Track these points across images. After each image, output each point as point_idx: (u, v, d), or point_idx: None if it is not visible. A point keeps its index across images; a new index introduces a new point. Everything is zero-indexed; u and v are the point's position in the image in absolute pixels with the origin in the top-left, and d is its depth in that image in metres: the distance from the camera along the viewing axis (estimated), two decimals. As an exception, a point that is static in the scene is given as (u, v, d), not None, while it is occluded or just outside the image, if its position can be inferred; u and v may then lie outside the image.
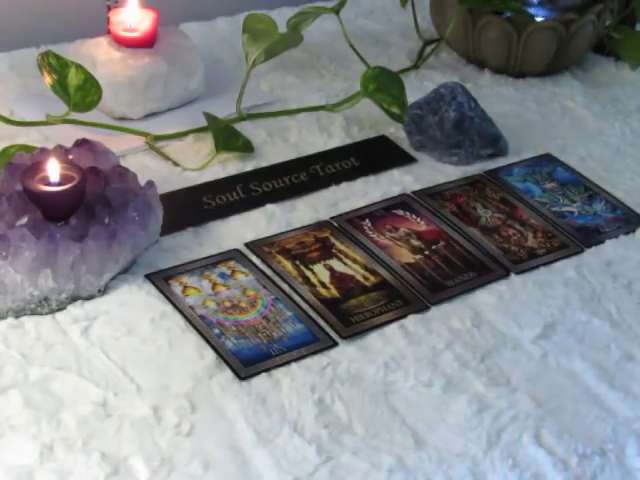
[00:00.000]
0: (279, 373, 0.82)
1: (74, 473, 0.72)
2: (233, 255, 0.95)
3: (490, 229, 1.02)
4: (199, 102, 1.19)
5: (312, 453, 0.75)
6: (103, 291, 0.89)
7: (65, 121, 1.06)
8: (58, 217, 0.88)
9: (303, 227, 1.00)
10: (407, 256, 0.97)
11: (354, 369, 0.83)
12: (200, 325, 0.86)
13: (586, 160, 1.16)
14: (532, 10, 1.29)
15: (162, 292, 0.89)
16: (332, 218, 1.01)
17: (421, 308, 0.90)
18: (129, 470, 0.72)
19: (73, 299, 0.87)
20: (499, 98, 1.27)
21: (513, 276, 0.96)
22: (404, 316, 0.89)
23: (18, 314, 0.86)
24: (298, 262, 0.95)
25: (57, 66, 1.04)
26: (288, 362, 0.83)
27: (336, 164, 1.10)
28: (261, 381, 0.81)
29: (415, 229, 1.01)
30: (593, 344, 0.88)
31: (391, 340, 0.87)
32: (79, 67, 1.04)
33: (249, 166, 1.09)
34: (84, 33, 1.18)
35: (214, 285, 0.91)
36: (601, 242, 1.02)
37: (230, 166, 1.09)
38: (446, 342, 0.87)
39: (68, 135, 1.02)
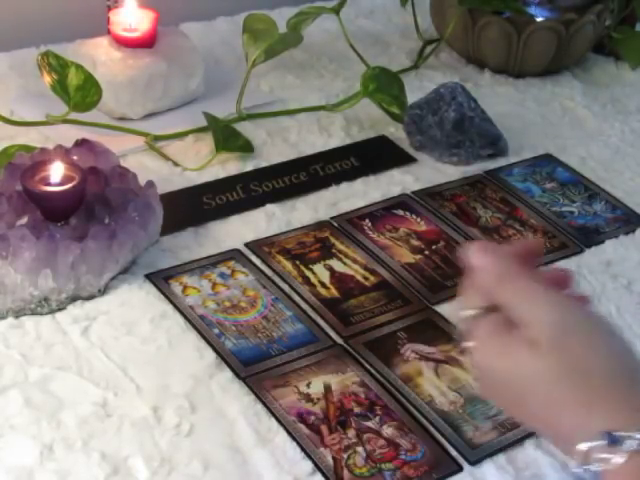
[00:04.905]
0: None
1: (74, 473, 0.72)
2: (233, 255, 0.95)
3: (490, 229, 1.02)
4: (199, 102, 1.19)
5: (312, 453, 0.75)
6: (103, 291, 0.89)
7: (65, 121, 1.06)
8: (58, 217, 0.88)
9: (303, 227, 1.00)
10: (407, 256, 0.97)
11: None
12: (200, 325, 0.86)
13: (586, 160, 1.16)
14: (532, 10, 1.29)
15: (162, 292, 0.89)
16: (332, 218, 1.01)
17: (421, 308, 0.90)
18: (129, 470, 0.72)
19: (73, 299, 0.87)
20: (499, 98, 1.27)
21: (513, 276, 0.96)
22: (404, 316, 0.89)
23: (18, 314, 0.85)
24: (298, 262, 0.94)
25: (57, 66, 1.04)
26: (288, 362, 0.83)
27: (336, 164, 1.10)
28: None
29: (415, 229, 1.01)
30: (593, 344, 0.88)
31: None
32: (79, 67, 1.04)
33: (249, 166, 1.09)
34: (84, 33, 1.18)
35: (214, 285, 0.91)
36: (601, 242, 1.02)
37: (230, 166, 1.09)
38: (446, 342, 0.87)
39: (68, 135, 1.02)
